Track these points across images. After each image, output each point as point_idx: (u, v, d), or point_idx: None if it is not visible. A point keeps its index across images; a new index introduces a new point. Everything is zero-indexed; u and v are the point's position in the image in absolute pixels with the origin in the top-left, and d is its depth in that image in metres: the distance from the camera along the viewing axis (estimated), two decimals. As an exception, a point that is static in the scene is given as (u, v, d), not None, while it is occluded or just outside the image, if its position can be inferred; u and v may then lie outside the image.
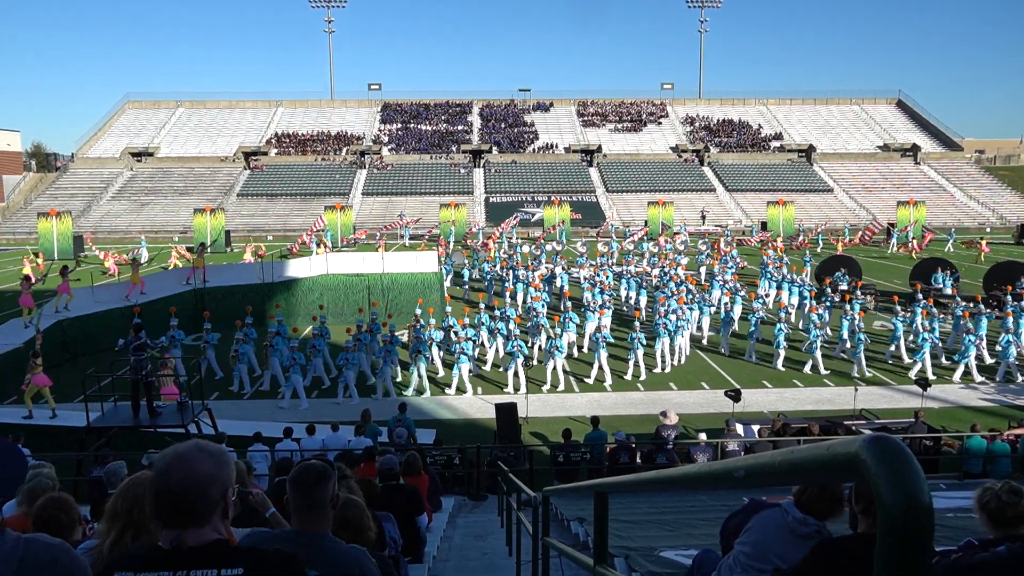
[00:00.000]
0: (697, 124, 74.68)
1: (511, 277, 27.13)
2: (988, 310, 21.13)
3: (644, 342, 18.77)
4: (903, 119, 76.28)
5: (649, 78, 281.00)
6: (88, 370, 14.00)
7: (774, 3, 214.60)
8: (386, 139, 71.46)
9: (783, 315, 20.30)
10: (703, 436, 12.82)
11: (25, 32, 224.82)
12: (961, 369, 18.10)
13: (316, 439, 12.57)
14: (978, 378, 18.05)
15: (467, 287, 28.29)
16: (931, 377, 17.13)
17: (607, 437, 12.77)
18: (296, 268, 27.08)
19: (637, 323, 19.29)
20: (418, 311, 20.50)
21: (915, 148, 68.54)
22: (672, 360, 19.49)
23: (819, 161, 66.80)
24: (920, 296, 23.18)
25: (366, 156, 66.52)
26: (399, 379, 18.47)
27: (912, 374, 18.14)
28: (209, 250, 41.65)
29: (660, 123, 75.27)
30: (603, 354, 18.07)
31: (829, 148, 69.52)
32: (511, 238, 42.82)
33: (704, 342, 21.68)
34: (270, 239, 49.68)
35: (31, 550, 2.07)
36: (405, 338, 20.11)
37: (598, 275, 26.06)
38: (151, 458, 7.24)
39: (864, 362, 18.60)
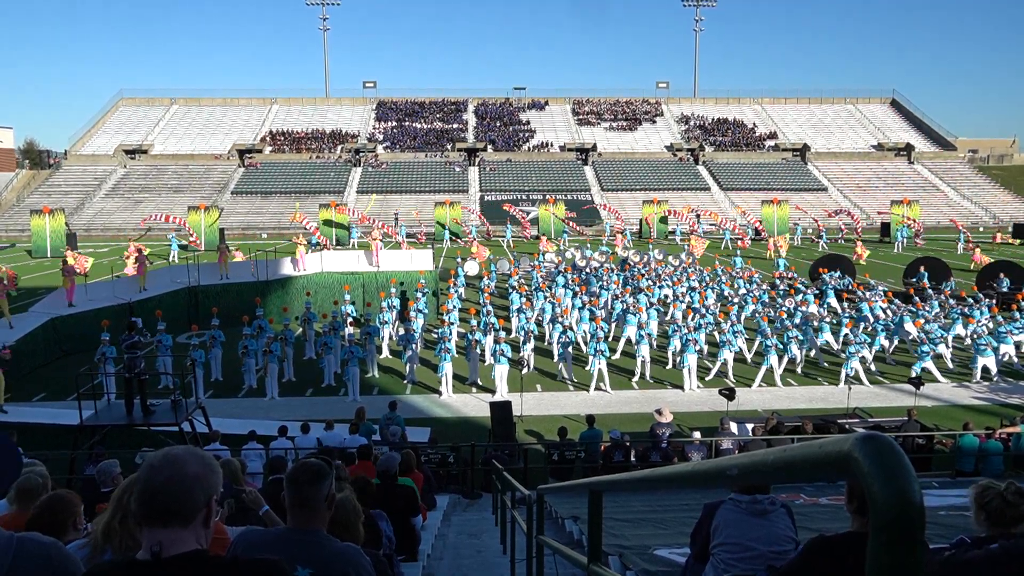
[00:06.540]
0: (692, 123, 74.77)
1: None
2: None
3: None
4: (897, 118, 76.54)
5: (644, 77, 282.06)
6: (81, 368, 13.94)
7: (769, 2, 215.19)
8: (381, 137, 71.32)
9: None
10: (697, 434, 12.83)
11: (18, 28, 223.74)
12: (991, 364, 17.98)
13: (311, 437, 12.55)
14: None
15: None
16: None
17: (602, 435, 12.79)
18: (290, 266, 27.08)
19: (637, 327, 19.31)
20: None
21: (909, 147, 68.80)
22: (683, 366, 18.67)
23: (813, 160, 66.94)
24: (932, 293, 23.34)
25: (361, 154, 66.39)
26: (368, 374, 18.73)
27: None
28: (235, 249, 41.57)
29: (655, 122, 75.34)
30: (602, 362, 17.46)
31: (823, 147, 69.67)
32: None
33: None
34: (264, 237, 49.53)
35: (24, 548, 2.07)
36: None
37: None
38: (144, 457, 7.21)
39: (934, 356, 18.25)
